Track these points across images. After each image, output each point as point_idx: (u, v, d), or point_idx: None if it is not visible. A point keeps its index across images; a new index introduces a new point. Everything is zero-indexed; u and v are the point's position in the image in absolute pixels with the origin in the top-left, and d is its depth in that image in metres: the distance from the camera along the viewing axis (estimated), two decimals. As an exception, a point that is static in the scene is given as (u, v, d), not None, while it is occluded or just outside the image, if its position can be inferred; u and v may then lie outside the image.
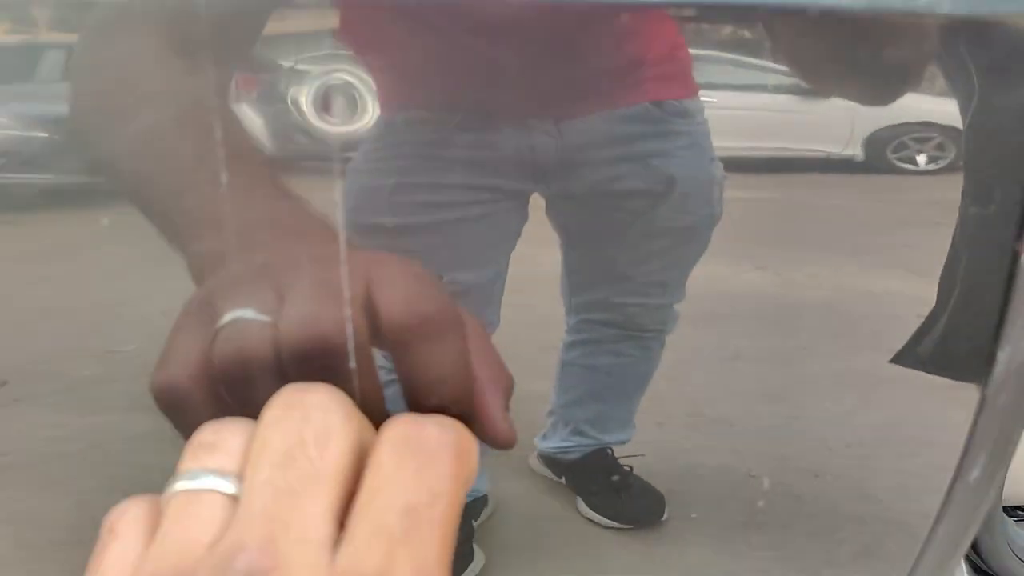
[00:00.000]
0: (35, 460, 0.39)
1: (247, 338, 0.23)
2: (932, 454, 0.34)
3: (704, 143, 0.32)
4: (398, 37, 0.29)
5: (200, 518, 0.22)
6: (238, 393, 0.23)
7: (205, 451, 0.23)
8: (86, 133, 0.28)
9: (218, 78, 0.26)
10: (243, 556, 0.19)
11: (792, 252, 0.33)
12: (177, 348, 0.24)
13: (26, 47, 0.28)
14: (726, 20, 0.28)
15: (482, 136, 0.33)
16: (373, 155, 0.32)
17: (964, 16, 0.24)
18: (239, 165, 0.25)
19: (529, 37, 0.28)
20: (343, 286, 0.22)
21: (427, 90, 0.31)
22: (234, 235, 0.25)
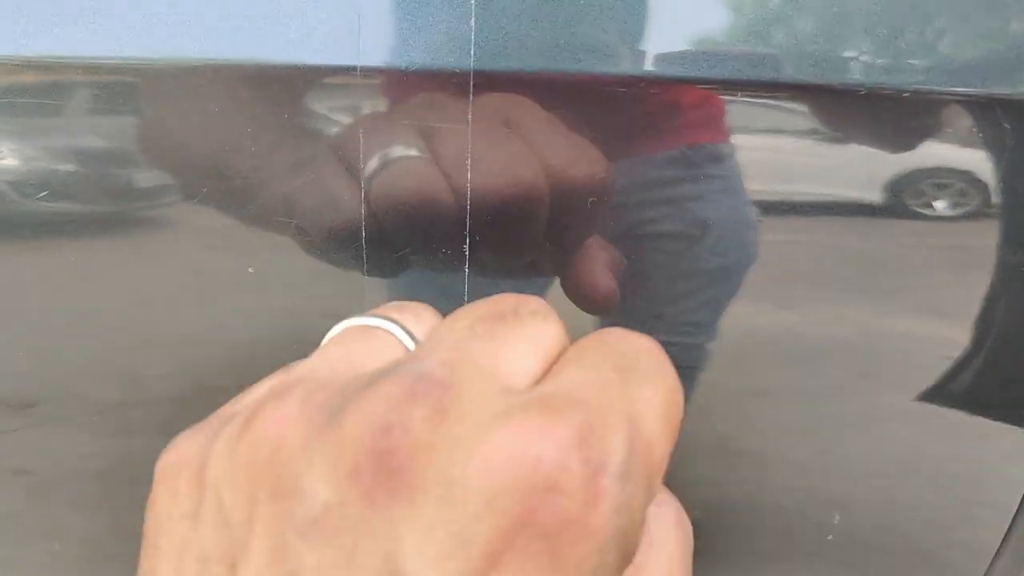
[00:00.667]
0: (63, 479, 0.40)
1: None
2: (958, 489, 0.35)
3: (738, 186, 0.33)
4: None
5: (368, 348, 0.19)
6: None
7: (391, 309, 0.20)
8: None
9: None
10: (416, 364, 0.16)
11: (816, 293, 0.34)
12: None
13: (54, 84, 0.29)
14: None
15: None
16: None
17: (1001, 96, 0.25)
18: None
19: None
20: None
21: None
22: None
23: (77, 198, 0.31)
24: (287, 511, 0.15)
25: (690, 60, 0.28)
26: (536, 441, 0.15)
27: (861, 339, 0.34)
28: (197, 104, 0.27)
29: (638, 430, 0.16)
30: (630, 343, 0.19)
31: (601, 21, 0.27)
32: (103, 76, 0.28)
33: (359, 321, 0.20)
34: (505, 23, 0.26)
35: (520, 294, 0.20)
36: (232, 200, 0.28)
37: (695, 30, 0.28)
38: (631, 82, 0.28)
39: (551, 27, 0.26)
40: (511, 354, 0.17)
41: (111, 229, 0.31)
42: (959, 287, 0.33)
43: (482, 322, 0.18)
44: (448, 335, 0.18)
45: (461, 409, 0.15)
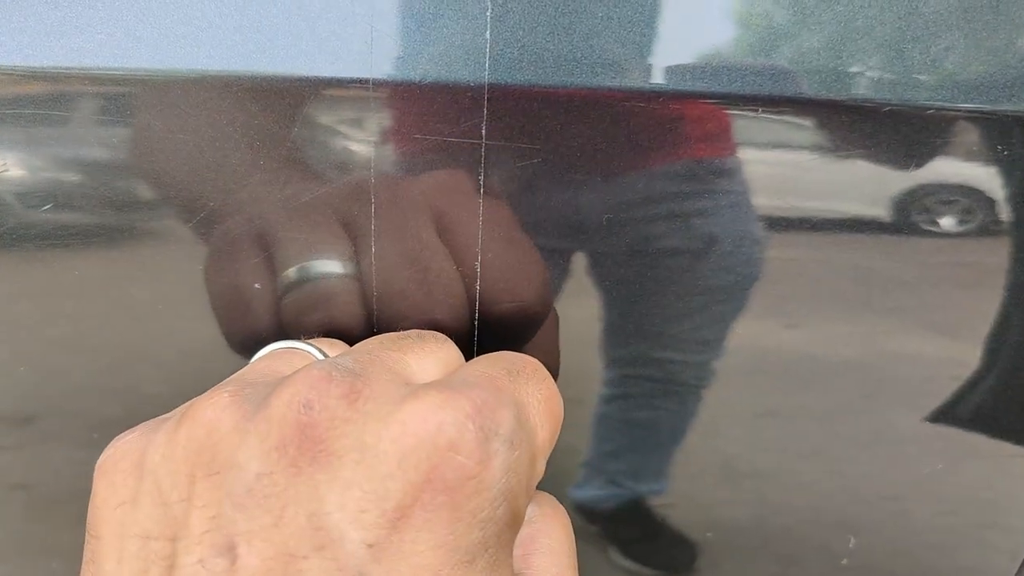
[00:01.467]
0: (63, 495, 0.40)
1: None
2: (970, 511, 0.34)
3: (744, 202, 0.32)
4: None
5: (288, 362, 0.22)
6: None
7: (320, 340, 0.24)
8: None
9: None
10: (332, 360, 0.19)
11: (822, 311, 0.34)
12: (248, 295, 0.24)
13: (60, 94, 0.29)
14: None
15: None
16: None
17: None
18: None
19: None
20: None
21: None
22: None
23: (81, 210, 0.31)
24: (223, 484, 0.18)
25: (710, 75, 0.28)
26: (439, 410, 0.17)
27: (869, 358, 0.34)
28: (205, 116, 0.27)
29: (524, 413, 0.19)
30: (517, 357, 0.22)
31: (619, 35, 0.27)
32: (110, 87, 0.28)
33: (281, 345, 0.23)
34: (521, 36, 0.26)
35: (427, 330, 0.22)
36: (239, 214, 0.28)
37: (715, 44, 0.28)
38: (649, 97, 0.28)
39: (568, 40, 0.26)
40: (415, 360, 0.20)
41: (113, 242, 0.31)
42: (969, 305, 0.32)
43: (390, 339, 0.21)
44: (361, 347, 0.21)
45: (371, 390, 0.18)
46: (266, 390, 0.19)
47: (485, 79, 0.26)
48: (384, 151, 0.27)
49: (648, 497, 0.40)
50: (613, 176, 0.32)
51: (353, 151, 0.27)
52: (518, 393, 0.19)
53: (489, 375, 0.19)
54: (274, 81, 0.27)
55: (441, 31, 0.26)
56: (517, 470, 0.18)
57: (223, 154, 0.27)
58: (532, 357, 0.22)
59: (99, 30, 0.26)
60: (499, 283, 0.24)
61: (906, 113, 0.28)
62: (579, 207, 0.34)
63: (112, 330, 0.34)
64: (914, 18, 0.27)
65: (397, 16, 0.26)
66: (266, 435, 0.17)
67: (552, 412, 0.20)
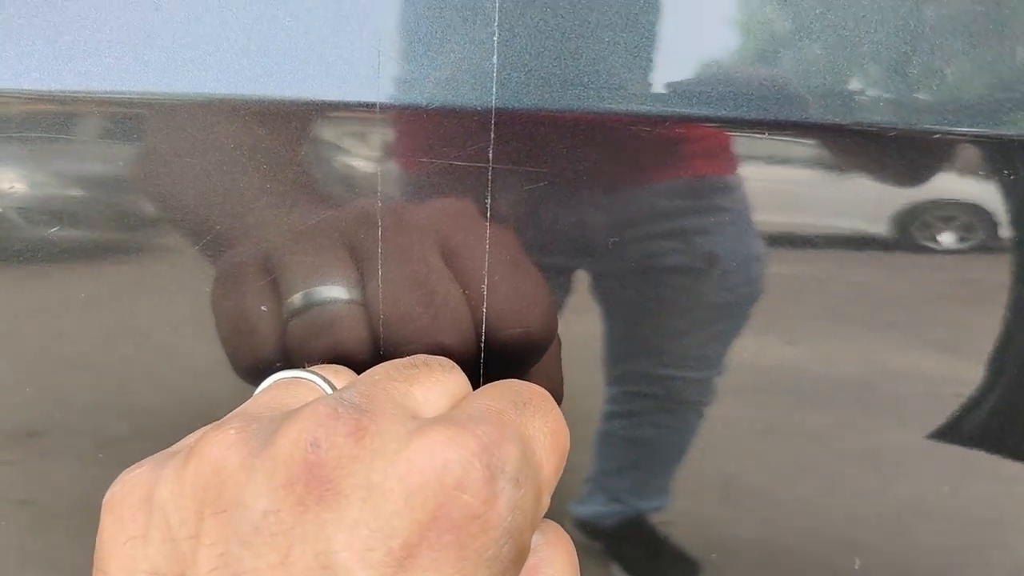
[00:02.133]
0: (67, 510, 0.40)
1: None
2: (973, 531, 0.34)
3: (745, 219, 0.33)
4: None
5: (294, 397, 0.22)
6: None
7: (325, 368, 0.23)
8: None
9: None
10: (340, 394, 0.19)
11: (822, 328, 0.34)
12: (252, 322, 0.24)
13: (68, 116, 0.29)
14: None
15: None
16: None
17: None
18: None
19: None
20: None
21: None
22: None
23: (87, 229, 0.31)
24: (231, 522, 0.18)
25: (716, 99, 0.28)
26: (445, 449, 0.17)
27: (870, 375, 0.34)
28: (212, 140, 0.27)
29: (530, 448, 0.19)
30: (523, 387, 0.22)
31: (625, 59, 0.27)
32: (118, 110, 0.28)
33: (286, 375, 0.23)
34: (528, 60, 0.26)
35: (433, 355, 0.22)
36: (245, 238, 0.28)
37: (721, 69, 0.28)
38: (655, 122, 0.28)
39: (575, 65, 0.27)
40: (421, 392, 0.20)
41: (119, 261, 0.32)
42: (970, 322, 0.32)
43: (396, 368, 0.21)
44: (366, 378, 0.21)
45: (378, 427, 0.18)
46: (272, 426, 0.19)
47: (492, 103, 0.26)
48: (390, 175, 0.27)
49: (650, 514, 0.40)
50: (616, 195, 0.33)
51: (359, 175, 0.27)
52: (524, 427, 0.19)
53: (495, 409, 0.19)
54: (281, 105, 0.27)
55: (448, 55, 0.26)
56: (523, 507, 0.18)
57: (230, 177, 0.27)
58: (539, 386, 0.22)
59: (107, 53, 0.26)
60: (505, 308, 0.24)
61: (908, 136, 0.28)
62: (583, 226, 0.34)
63: (117, 348, 0.34)
64: (918, 42, 0.27)
65: (404, 40, 0.27)
66: (273, 473, 0.17)
67: (558, 445, 0.20)
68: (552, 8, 0.26)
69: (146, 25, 0.26)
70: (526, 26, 0.26)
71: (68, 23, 0.26)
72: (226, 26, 0.26)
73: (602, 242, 0.33)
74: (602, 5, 0.26)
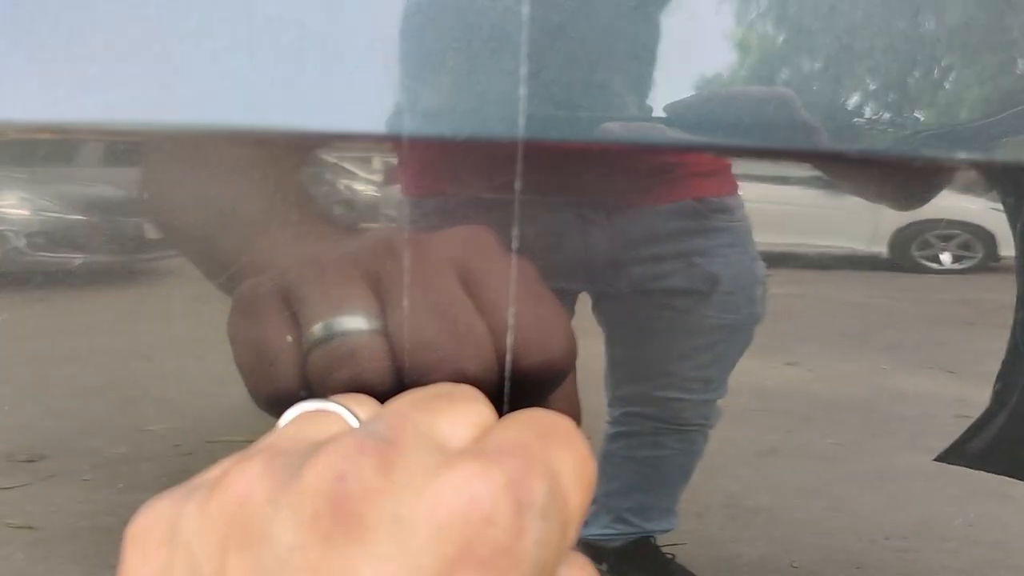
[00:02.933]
0: (68, 535, 0.40)
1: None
2: (976, 551, 0.34)
3: (746, 241, 0.33)
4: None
5: (319, 426, 0.21)
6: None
7: (349, 397, 0.23)
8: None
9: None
10: (369, 427, 0.19)
11: (823, 349, 0.34)
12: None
13: (74, 146, 0.30)
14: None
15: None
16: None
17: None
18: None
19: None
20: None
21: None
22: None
23: (88, 252, 0.31)
24: (256, 557, 0.17)
25: (732, 128, 0.28)
26: (474, 483, 0.17)
27: (872, 396, 0.34)
28: (241, 171, 0.27)
29: (557, 482, 0.18)
30: (550, 418, 0.21)
31: (651, 92, 0.27)
32: (124, 139, 0.28)
33: (310, 406, 0.22)
34: (556, 92, 0.26)
35: (456, 383, 0.22)
36: (264, 269, 0.28)
37: (736, 100, 0.28)
38: (681, 151, 0.28)
39: (603, 97, 0.27)
40: (447, 424, 0.20)
41: (120, 283, 0.32)
42: (973, 343, 0.32)
43: (421, 399, 0.21)
44: (392, 409, 0.20)
45: (405, 460, 0.18)
46: (298, 459, 0.18)
47: (520, 134, 0.26)
48: (416, 205, 0.27)
49: (655, 535, 0.40)
50: (618, 218, 0.33)
51: (386, 205, 0.27)
52: (552, 460, 0.19)
53: (522, 441, 0.19)
54: (310, 137, 0.27)
55: (475, 87, 0.26)
56: (550, 541, 0.17)
57: (257, 209, 0.27)
58: (564, 417, 0.22)
59: (135, 86, 0.26)
60: (528, 337, 0.24)
61: (907, 162, 0.28)
62: (586, 249, 0.34)
63: (120, 370, 0.34)
64: (914, 71, 0.27)
65: (431, 72, 0.27)
66: (299, 507, 0.17)
67: (585, 478, 0.20)
68: (580, 40, 0.26)
69: (174, 58, 0.26)
70: (554, 58, 0.26)
71: (96, 55, 0.26)
72: (254, 58, 0.26)
73: (605, 262, 0.33)
74: (631, 37, 0.26)
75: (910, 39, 0.27)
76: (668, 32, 0.27)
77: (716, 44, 0.27)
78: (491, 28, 0.25)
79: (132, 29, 0.26)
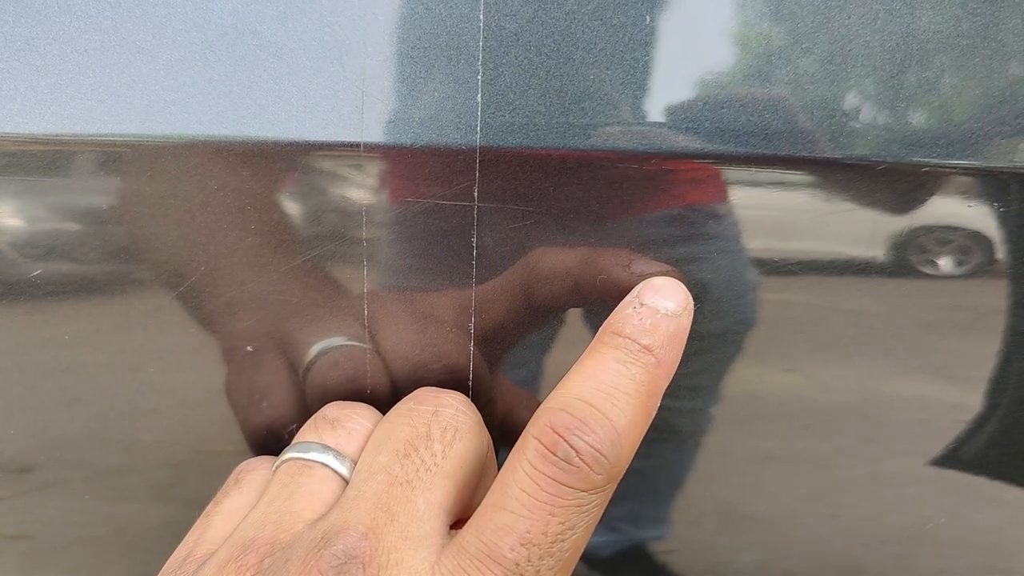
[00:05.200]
0: (61, 546, 0.39)
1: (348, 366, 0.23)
2: (973, 556, 0.34)
3: (736, 247, 0.32)
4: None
5: (307, 490, 0.22)
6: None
7: (327, 425, 0.23)
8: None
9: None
10: (343, 538, 0.18)
11: (819, 355, 0.33)
12: (265, 388, 0.24)
13: (60, 151, 0.29)
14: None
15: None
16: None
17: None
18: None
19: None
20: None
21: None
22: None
23: (75, 263, 0.31)
24: None
25: (703, 135, 0.27)
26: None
27: (868, 402, 0.33)
28: (196, 182, 0.27)
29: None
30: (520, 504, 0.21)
31: (611, 96, 0.27)
32: (100, 152, 0.28)
33: (296, 455, 0.22)
34: (513, 98, 0.26)
35: (439, 393, 0.22)
36: (231, 278, 0.28)
37: (708, 105, 0.28)
38: (642, 159, 0.28)
39: (560, 103, 0.26)
40: (423, 499, 0.20)
41: (109, 294, 0.31)
42: (968, 348, 0.32)
43: (397, 458, 0.20)
44: (370, 483, 0.20)
45: (388, 573, 0.18)
46: (283, 563, 0.19)
47: (477, 141, 0.26)
48: (375, 214, 0.27)
49: (649, 543, 0.40)
50: (604, 228, 0.32)
51: (344, 214, 0.27)
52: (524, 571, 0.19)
53: (491, 545, 0.19)
54: (264, 146, 0.27)
55: (432, 95, 0.26)
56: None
57: (214, 218, 0.27)
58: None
59: (89, 97, 0.26)
60: (494, 340, 0.24)
61: (901, 169, 0.28)
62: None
63: (111, 380, 0.34)
64: (908, 76, 0.27)
65: (388, 79, 0.26)
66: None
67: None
68: (536, 47, 0.26)
69: (130, 68, 0.26)
70: (510, 65, 0.26)
71: (49, 66, 0.26)
72: (208, 68, 0.26)
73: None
74: (587, 43, 0.26)
75: (905, 40, 0.26)
76: (626, 36, 0.26)
77: (677, 48, 0.27)
78: (447, 35, 0.25)
79: (84, 40, 0.26)
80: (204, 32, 0.26)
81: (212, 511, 0.22)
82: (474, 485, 0.22)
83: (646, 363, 0.22)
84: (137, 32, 0.26)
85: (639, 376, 0.21)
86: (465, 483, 0.21)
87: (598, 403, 0.21)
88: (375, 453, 0.22)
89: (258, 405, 0.25)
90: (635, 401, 0.21)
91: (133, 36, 0.26)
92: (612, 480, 0.20)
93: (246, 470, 0.24)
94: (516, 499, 0.19)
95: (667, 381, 0.23)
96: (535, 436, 0.20)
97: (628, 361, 0.21)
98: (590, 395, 0.21)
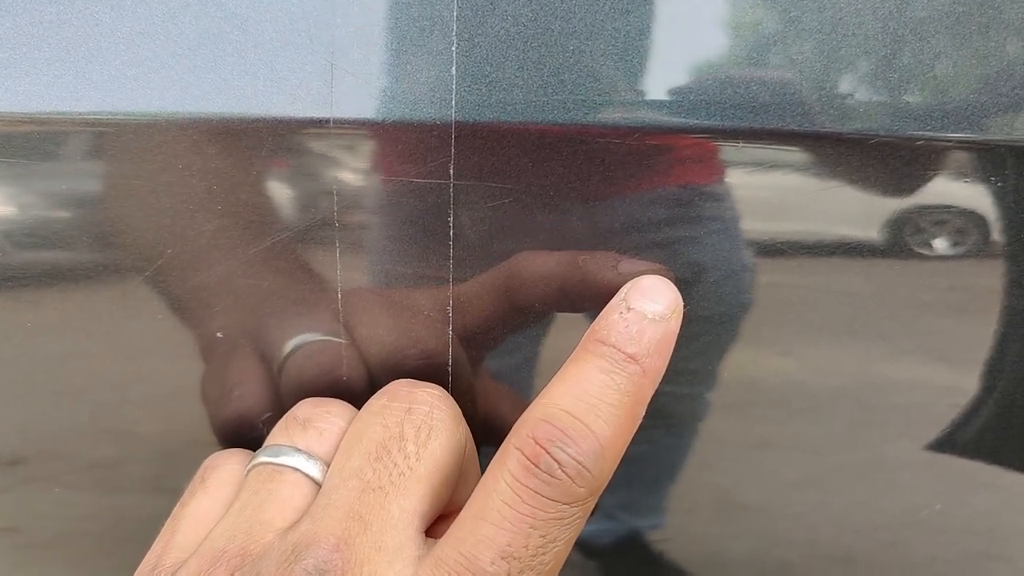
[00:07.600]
0: (52, 539, 0.39)
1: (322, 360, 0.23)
2: (970, 542, 0.33)
3: (733, 229, 0.32)
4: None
5: (277, 497, 0.21)
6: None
7: (298, 427, 0.22)
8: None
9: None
10: (314, 551, 0.18)
11: (814, 338, 0.33)
12: (237, 381, 0.24)
13: (50, 132, 0.28)
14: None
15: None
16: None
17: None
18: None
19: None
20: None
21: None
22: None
23: (62, 250, 0.30)
24: None
25: (687, 108, 0.27)
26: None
27: (864, 385, 0.33)
28: (161, 161, 0.27)
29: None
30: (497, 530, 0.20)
31: (591, 69, 0.26)
32: (60, 130, 0.27)
33: (267, 460, 0.21)
34: (489, 71, 0.26)
35: (413, 387, 0.21)
36: (197, 260, 0.27)
37: (691, 77, 0.27)
38: (624, 133, 0.27)
39: (538, 76, 0.26)
40: (396, 505, 0.19)
41: (96, 281, 0.31)
42: (964, 331, 0.32)
43: (369, 463, 0.20)
44: (341, 491, 0.19)
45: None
46: (255, 574, 0.18)
47: (452, 116, 0.25)
48: (347, 194, 0.26)
49: (645, 531, 0.40)
50: (593, 208, 0.32)
51: (315, 194, 0.26)
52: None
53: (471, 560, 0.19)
54: (231, 123, 0.26)
55: (404, 67, 0.25)
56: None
57: (180, 199, 0.26)
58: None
59: (44, 72, 0.25)
60: (472, 324, 0.24)
61: (896, 143, 0.27)
62: (562, 241, 0.33)
63: (102, 370, 0.33)
64: (904, 47, 0.27)
65: (358, 52, 0.25)
66: None
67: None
68: (513, 16, 0.25)
69: (89, 43, 0.25)
70: (486, 35, 0.25)
71: (2, 40, 0.25)
72: (172, 43, 0.25)
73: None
74: (565, 13, 0.25)
75: (900, 10, 0.26)
76: (607, 4, 0.26)
77: (662, 17, 0.26)
78: (420, 4, 0.25)
79: (37, 11, 0.25)
80: (165, 3, 0.25)
81: (179, 514, 0.22)
82: (452, 485, 0.21)
83: (631, 372, 0.21)
84: (94, 3, 0.25)
85: (624, 386, 0.21)
86: (442, 484, 0.21)
87: (581, 414, 0.21)
88: (347, 457, 0.21)
89: (229, 396, 0.24)
90: (619, 412, 0.21)
91: (90, 7, 0.25)
92: (594, 493, 0.20)
93: (211, 467, 0.23)
94: (497, 511, 0.19)
95: (653, 389, 0.23)
96: (517, 447, 0.20)
97: (613, 371, 0.21)
98: (573, 406, 0.21)
